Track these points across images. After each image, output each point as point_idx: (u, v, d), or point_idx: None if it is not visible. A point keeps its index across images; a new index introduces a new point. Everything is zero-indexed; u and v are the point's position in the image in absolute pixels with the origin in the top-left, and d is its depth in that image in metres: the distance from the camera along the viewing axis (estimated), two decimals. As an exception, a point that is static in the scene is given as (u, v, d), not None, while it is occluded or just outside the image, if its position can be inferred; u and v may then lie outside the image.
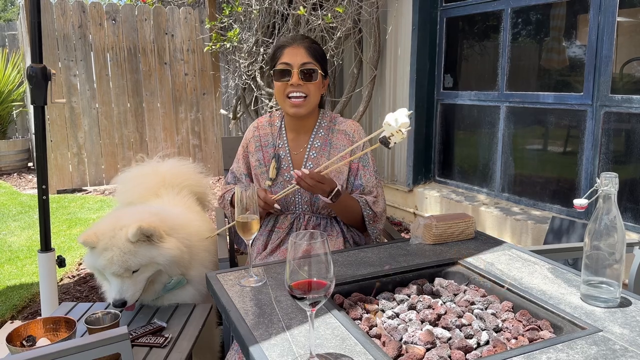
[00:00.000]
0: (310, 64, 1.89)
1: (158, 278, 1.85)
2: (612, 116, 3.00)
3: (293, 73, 1.87)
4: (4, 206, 5.27)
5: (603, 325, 1.17)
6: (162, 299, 1.92)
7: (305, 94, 1.89)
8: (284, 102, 1.92)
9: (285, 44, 1.91)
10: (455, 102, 4.11)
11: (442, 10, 4.13)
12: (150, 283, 1.83)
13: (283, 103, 1.93)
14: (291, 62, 1.88)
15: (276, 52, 1.93)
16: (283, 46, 1.91)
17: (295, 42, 1.91)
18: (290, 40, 1.92)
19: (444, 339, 1.16)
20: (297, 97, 1.88)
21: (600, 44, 2.99)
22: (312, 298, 1.00)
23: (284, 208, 2.00)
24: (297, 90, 1.87)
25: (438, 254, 1.63)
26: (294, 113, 1.92)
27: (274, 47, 1.97)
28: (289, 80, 1.87)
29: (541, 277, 1.44)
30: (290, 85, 1.87)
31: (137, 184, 2.44)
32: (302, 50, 1.89)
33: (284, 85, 1.89)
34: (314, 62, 1.90)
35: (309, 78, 1.88)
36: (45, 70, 2.27)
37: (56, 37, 5.79)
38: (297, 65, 1.87)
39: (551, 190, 3.46)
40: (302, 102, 1.89)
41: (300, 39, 1.93)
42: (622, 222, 1.24)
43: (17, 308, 3.01)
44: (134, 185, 2.45)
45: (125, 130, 6.25)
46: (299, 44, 1.90)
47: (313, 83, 1.89)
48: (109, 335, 1.22)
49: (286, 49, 1.90)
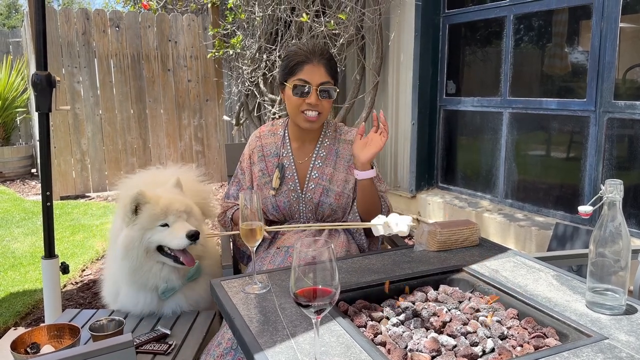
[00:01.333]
0: (328, 83, 1.87)
1: None
2: (615, 122, 3.00)
3: (312, 91, 1.85)
4: (7, 212, 5.28)
5: (609, 332, 1.16)
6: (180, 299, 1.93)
7: (320, 111, 1.89)
8: (297, 116, 1.90)
9: (306, 59, 1.86)
10: (458, 108, 4.12)
11: (444, 17, 4.14)
12: None
13: (296, 117, 1.91)
14: (310, 80, 1.85)
15: (295, 66, 1.87)
16: (303, 62, 1.86)
17: (315, 59, 1.86)
18: (310, 56, 1.87)
19: (449, 346, 1.16)
20: (312, 114, 1.88)
21: (603, 50, 2.99)
22: (317, 306, 1.00)
23: (289, 216, 2.00)
24: (313, 108, 1.87)
25: (442, 260, 1.63)
26: (307, 127, 1.92)
27: (290, 56, 1.90)
28: (307, 98, 1.85)
29: (546, 284, 1.43)
30: (307, 104, 1.86)
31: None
32: (322, 69, 1.86)
33: (301, 101, 1.87)
34: (331, 81, 1.89)
35: (326, 96, 1.87)
36: (50, 77, 2.28)
37: (60, 44, 5.82)
38: (316, 83, 1.85)
39: (555, 197, 3.45)
40: (317, 118, 1.89)
41: (319, 55, 1.88)
42: (627, 229, 1.23)
43: (21, 315, 3.01)
44: None
45: (129, 137, 6.27)
46: (318, 62, 1.86)
47: (329, 101, 1.90)
48: (113, 343, 1.21)
49: (306, 65, 1.85)
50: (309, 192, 1.96)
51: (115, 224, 2.34)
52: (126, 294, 1.94)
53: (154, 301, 1.92)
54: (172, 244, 1.82)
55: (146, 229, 1.83)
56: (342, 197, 1.96)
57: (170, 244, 1.82)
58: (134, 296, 1.92)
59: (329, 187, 1.95)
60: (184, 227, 1.83)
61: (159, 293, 1.91)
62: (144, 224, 1.83)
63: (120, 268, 1.89)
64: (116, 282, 1.99)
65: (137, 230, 1.83)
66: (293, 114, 1.93)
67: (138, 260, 1.84)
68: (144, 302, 1.91)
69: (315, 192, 1.95)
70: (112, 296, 2.02)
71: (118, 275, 1.95)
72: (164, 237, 1.83)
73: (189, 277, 1.95)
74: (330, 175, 1.96)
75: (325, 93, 1.87)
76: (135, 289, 1.91)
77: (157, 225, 1.84)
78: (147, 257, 1.86)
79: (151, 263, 1.86)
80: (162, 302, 1.94)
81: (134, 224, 1.83)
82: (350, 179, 1.98)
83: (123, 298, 1.95)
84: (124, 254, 1.84)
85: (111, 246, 2.33)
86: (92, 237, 4.42)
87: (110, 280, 2.05)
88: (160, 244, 1.85)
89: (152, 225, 1.84)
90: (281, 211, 1.98)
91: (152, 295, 1.92)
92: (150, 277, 1.87)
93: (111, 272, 2.03)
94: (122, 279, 1.93)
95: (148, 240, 1.83)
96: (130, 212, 1.84)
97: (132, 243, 1.83)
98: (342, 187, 1.96)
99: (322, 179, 1.96)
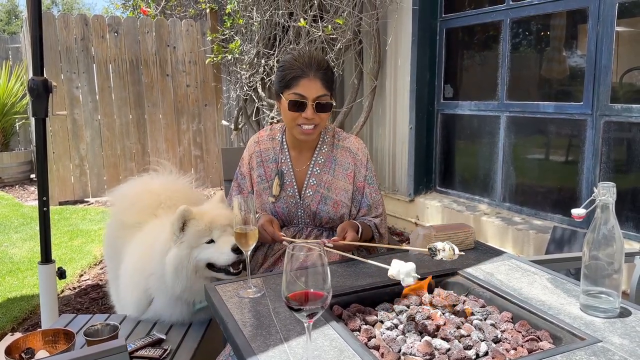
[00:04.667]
0: (325, 96, 1.84)
1: None
2: (612, 125, 3.00)
3: (308, 106, 1.82)
4: (6, 218, 5.28)
5: (603, 335, 1.16)
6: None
7: (317, 123, 1.87)
8: (293, 128, 1.89)
9: (302, 74, 1.82)
10: (456, 112, 4.12)
11: (441, 21, 4.15)
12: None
13: (292, 129, 1.90)
14: (306, 94, 1.82)
15: (291, 80, 1.83)
16: (299, 77, 1.82)
17: (311, 73, 1.82)
18: (306, 69, 1.82)
19: (442, 350, 1.16)
20: (308, 127, 1.86)
21: (599, 53, 3.00)
22: (309, 309, 1.00)
23: (287, 222, 1.99)
24: (309, 122, 1.85)
25: (437, 264, 1.63)
26: (304, 139, 1.92)
27: (286, 68, 1.86)
28: (303, 112, 1.83)
29: (541, 288, 1.43)
30: (304, 118, 1.84)
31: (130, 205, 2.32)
32: (318, 83, 1.83)
33: (297, 115, 1.84)
34: (327, 93, 1.85)
35: (322, 110, 1.85)
36: (47, 82, 2.29)
37: (59, 50, 5.83)
38: (312, 98, 1.82)
39: (552, 200, 3.45)
40: (312, 130, 1.87)
41: (316, 68, 1.83)
42: (620, 231, 1.23)
43: (18, 320, 3.01)
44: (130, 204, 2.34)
45: (128, 142, 6.27)
46: (315, 75, 1.82)
47: (326, 113, 1.88)
48: (106, 347, 1.21)
49: (302, 80, 1.82)
50: (307, 199, 1.95)
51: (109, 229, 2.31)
52: (161, 307, 1.88)
53: (188, 314, 1.88)
54: (220, 260, 1.77)
55: (193, 247, 1.78)
56: (341, 206, 1.95)
57: (219, 261, 1.77)
58: (169, 309, 1.87)
59: (327, 194, 1.95)
60: (229, 242, 1.77)
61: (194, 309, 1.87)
62: (190, 241, 1.78)
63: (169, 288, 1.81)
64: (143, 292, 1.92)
65: (184, 249, 1.77)
66: (289, 126, 1.92)
67: (188, 280, 1.78)
68: (179, 313, 1.87)
69: (313, 199, 1.95)
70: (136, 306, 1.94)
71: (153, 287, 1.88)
72: (211, 254, 1.78)
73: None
74: (328, 183, 1.96)
75: (322, 106, 1.85)
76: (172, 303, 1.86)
77: (203, 242, 1.79)
78: (197, 275, 1.80)
79: (201, 281, 1.79)
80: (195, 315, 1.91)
81: (182, 242, 1.78)
82: (349, 189, 1.97)
83: (157, 309, 1.90)
84: (174, 274, 1.78)
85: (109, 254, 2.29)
86: (90, 242, 4.42)
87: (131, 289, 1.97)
88: (210, 262, 1.80)
89: (197, 243, 1.78)
90: (280, 217, 1.98)
91: (188, 309, 1.88)
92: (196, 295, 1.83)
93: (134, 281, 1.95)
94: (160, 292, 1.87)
95: (196, 259, 1.78)
96: (178, 229, 1.79)
97: (181, 263, 1.77)
98: (341, 196, 1.95)
99: (320, 186, 1.95)
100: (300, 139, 1.92)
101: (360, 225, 1.89)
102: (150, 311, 1.92)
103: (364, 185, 2.00)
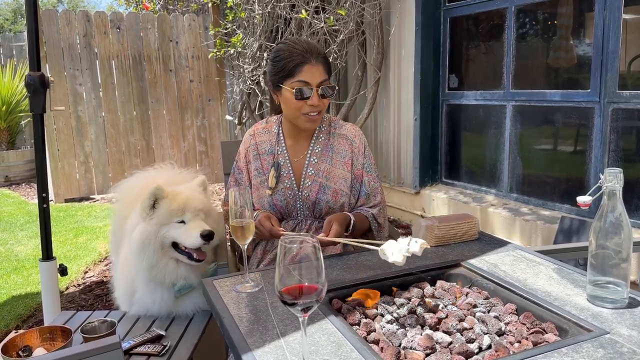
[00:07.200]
0: (327, 81, 1.82)
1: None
2: (620, 112, 2.94)
3: (313, 93, 1.79)
4: (11, 216, 5.29)
5: (610, 327, 1.12)
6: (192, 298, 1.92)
7: (321, 109, 1.85)
8: (298, 118, 1.85)
9: (304, 60, 1.79)
10: (461, 102, 4.07)
11: (445, 10, 4.09)
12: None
13: (297, 119, 1.86)
14: (311, 81, 1.79)
15: (293, 68, 1.80)
16: (302, 63, 1.79)
17: (312, 58, 1.79)
18: (307, 55, 1.80)
19: (444, 343, 1.12)
20: (314, 114, 1.83)
21: (606, 40, 2.94)
22: (303, 303, 0.96)
23: (286, 214, 1.96)
24: (315, 109, 1.82)
25: (440, 256, 1.59)
26: (310, 128, 1.89)
27: (285, 57, 1.82)
28: (309, 99, 1.80)
29: (546, 278, 1.39)
30: (310, 105, 1.81)
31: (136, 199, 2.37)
32: (320, 68, 1.81)
33: (302, 103, 1.81)
34: (329, 79, 1.84)
35: (326, 95, 1.83)
36: (44, 77, 2.26)
37: (62, 47, 5.82)
38: (316, 84, 1.79)
39: (560, 190, 3.40)
40: (318, 117, 1.85)
41: (316, 53, 1.81)
42: (628, 219, 1.19)
43: (22, 317, 3.00)
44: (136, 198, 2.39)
45: (132, 138, 6.26)
46: (316, 60, 1.80)
47: (328, 98, 1.85)
48: (100, 345, 1.19)
49: (305, 66, 1.79)
50: (305, 189, 1.92)
51: (114, 226, 2.30)
52: (143, 294, 1.89)
53: (170, 300, 1.88)
54: (187, 242, 1.79)
55: (162, 224, 1.80)
56: (340, 194, 1.92)
57: (185, 242, 1.79)
58: (150, 295, 1.88)
59: (325, 184, 1.91)
60: (199, 226, 1.79)
61: (174, 290, 1.88)
62: (160, 219, 1.80)
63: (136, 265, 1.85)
64: (131, 283, 1.94)
65: (153, 225, 1.80)
66: (293, 116, 1.87)
67: (155, 256, 1.81)
68: (160, 300, 1.87)
69: (311, 189, 1.91)
70: (127, 299, 1.96)
71: (134, 274, 1.91)
72: (179, 234, 1.80)
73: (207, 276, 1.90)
74: (326, 172, 1.92)
75: (326, 91, 1.82)
76: (152, 288, 1.88)
77: (174, 222, 1.81)
78: (163, 252, 1.83)
79: (167, 259, 1.83)
80: (179, 301, 1.90)
81: (151, 219, 1.81)
82: (347, 177, 1.94)
83: (140, 298, 1.91)
84: (140, 249, 1.81)
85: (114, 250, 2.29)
86: (95, 239, 4.41)
87: (123, 281, 2.00)
88: (175, 241, 1.82)
89: (168, 221, 1.81)
90: (278, 209, 1.94)
91: (169, 294, 1.88)
92: (167, 274, 1.84)
93: (124, 273, 1.98)
94: (138, 277, 1.89)
95: (163, 236, 1.80)
96: (148, 207, 1.82)
97: (148, 238, 1.80)
98: (340, 185, 1.92)
99: (319, 175, 1.92)
100: (304, 128, 1.90)
101: (355, 217, 1.85)
102: (135, 303, 1.92)
103: (362, 173, 1.96)
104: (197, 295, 1.91)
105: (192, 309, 1.91)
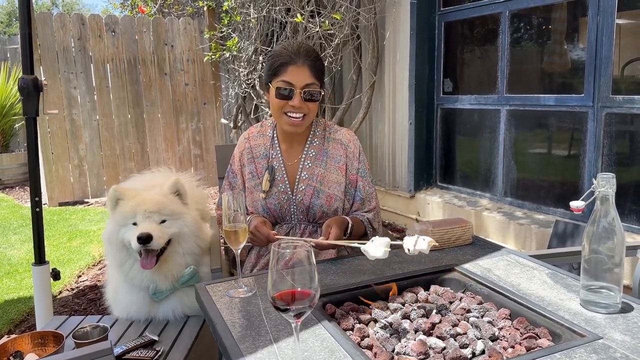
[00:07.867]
0: (313, 85, 1.80)
1: (174, 257, 1.88)
2: (613, 117, 2.95)
3: (295, 94, 1.78)
4: (5, 219, 5.26)
5: (603, 332, 1.12)
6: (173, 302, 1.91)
7: (305, 113, 1.82)
8: (280, 118, 1.84)
9: (290, 60, 1.79)
10: (455, 107, 4.08)
11: (440, 15, 4.10)
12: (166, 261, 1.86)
13: (279, 119, 1.86)
14: (294, 82, 1.78)
15: (278, 67, 1.80)
16: (287, 63, 1.79)
17: (299, 60, 1.79)
18: (294, 56, 1.79)
19: (437, 349, 1.12)
20: (296, 117, 1.82)
21: (600, 45, 2.95)
22: (296, 309, 0.96)
23: (280, 219, 1.95)
24: (297, 111, 1.81)
25: (434, 260, 1.59)
26: (291, 131, 1.87)
27: (275, 56, 1.84)
28: (290, 100, 1.79)
29: (540, 283, 1.39)
30: (291, 106, 1.80)
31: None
32: (306, 70, 1.79)
33: (284, 103, 1.80)
34: (316, 83, 1.81)
35: (310, 99, 1.81)
36: (37, 81, 2.25)
37: (56, 50, 5.79)
38: (300, 86, 1.78)
39: (554, 194, 3.41)
40: (301, 121, 1.83)
41: (305, 55, 1.80)
42: (620, 224, 1.19)
43: (15, 322, 2.98)
44: None
45: (127, 142, 6.24)
46: (303, 63, 1.79)
47: (314, 103, 1.83)
48: (91, 350, 1.18)
49: (290, 66, 1.78)
50: (299, 193, 1.91)
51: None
52: (122, 295, 1.93)
53: (146, 303, 1.88)
54: (132, 244, 1.79)
55: (120, 225, 1.83)
56: (334, 199, 1.91)
57: (132, 245, 1.80)
58: (127, 296, 1.90)
59: (319, 188, 1.91)
60: (144, 228, 1.78)
61: (150, 294, 1.88)
62: (118, 219, 1.83)
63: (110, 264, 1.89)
64: (115, 285, 1.98)
65: (114, 225, 1.84)
66: (276, 116, 1.87)
67: (119, 254, 1.84)
68: (137, 302, 1.88)
69: (305, 193, 1.91)
70: (113, 302, 2.00)
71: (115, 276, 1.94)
72: (129, 236, 1.81)
73: (183, 281, 1.91)
74: (320, 176, 1.92)
75: (310, 95, 1.80)
76: (128, 289, 1.90)
77: (129, 223, 1.82)
78: (127, 253, 1.85)
79: (132, 260, 1.85)
80: (156, 306, 1.89)
81: (112, 219, 1.85)
82: (342, 181, 1.93)
83: (120, 299, 1.94)
84: (106, 247, 1.88)
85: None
86: (89, 242, 4.39)
87: (110, 284, 2.04)
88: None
89: (124, 222, 1.83)
90: (272, 213, 1.94)
91: (145, 296, 1.89)
92: (136, 275, 1.85)
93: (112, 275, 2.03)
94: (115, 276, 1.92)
95: (122, 236, 1.83)
96: (110, 207, 1.86)
97: (109, 237, 1.84)
98: (334, 189, 1.91)
99: (312, 179, 1.91)
100: (287, 130, 1.88)
101: (352, 221, 1.85)
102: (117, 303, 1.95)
103: (356, 178, 1.96)
104: (176, 301, 1.90)
105: (172, 314, 1.90)
